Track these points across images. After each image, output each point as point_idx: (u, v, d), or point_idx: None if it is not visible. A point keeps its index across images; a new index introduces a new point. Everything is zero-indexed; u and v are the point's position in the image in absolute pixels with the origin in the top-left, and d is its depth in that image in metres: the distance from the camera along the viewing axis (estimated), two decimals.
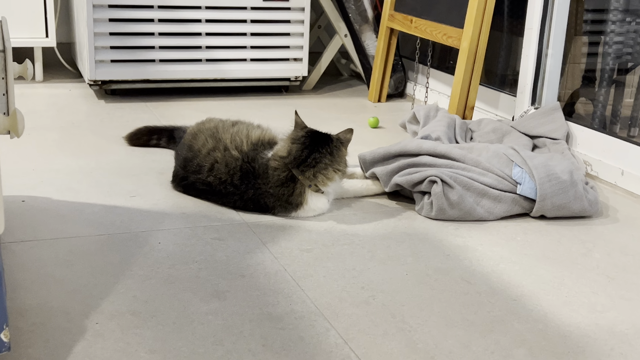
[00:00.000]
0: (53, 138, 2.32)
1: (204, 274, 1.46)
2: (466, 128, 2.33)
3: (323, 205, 1.79)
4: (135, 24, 2.78)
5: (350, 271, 1.51)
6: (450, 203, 1.79)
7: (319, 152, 1.75)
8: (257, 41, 2.96)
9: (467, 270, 1.54)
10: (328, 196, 1.80)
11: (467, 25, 2.45)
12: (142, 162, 2.12)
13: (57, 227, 1.64)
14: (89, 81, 2.79)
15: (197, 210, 1.79)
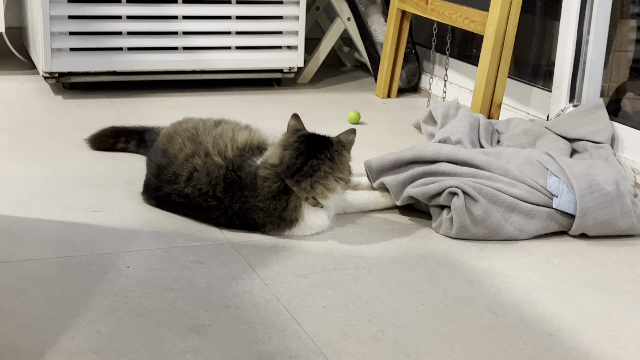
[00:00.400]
0: (1, 141, 2.32)
1: (181, 304, 1.46)
2: (492, 129, 2.34)
3: (322, 221, 1.80)
4: (99, 6, 2.79)
5: (355, 301, 1.51)
6: (473, 219, 1.80)
7: (317, 158, 1.76)
8: (243, 26, 2.97)
9: (494, 300, 1.54)
10: (328, 211, 1.80)
11: (494, 8, 2.47)
12: (107, 170, 2.12)
13: (6, 248, 1.64)
14: (44, 73, 2.80)
15: (172, 228, 1.79)
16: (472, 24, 2.57)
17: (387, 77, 3.05)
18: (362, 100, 3.02)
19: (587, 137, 2.27)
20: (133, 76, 2.91)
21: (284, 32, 3.02)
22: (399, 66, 3.06)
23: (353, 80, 3.32)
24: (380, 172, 1.95)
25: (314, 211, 1.77)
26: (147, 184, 1.91)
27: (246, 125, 1.97)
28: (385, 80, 3.05)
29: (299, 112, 2.75)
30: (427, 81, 3.11)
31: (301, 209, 1.76)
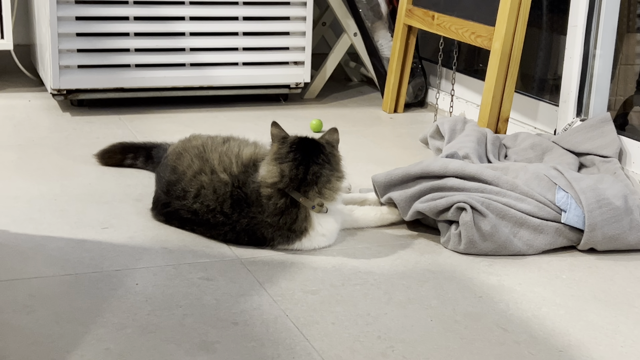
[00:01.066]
0: (9, 159, 2.33)
1: (190, 321, 1.46)
2: (499, 144, 2.34)
3: (332, 226, 1.80)
4: (106, 23, 2.80)
5: (364, 317, 1.51)
6: (482, 234, 1.79)
7: (317, 163, 1.76)
8: (250, 42, 2.98)
9: (503, 315, 1.54)
10: (335, 216, 1.80)
11: (500, 23, 2.47)
12: (115, 187, 2.13)
13: (15, 266, 1.65)
14: (52, 90, 2.81)
15: (181, 244, 1.79)
16: (478, 39, 2.57)
17: (394, 92, 3.06)
18: (369, 115, 3.03)
19: (595, 151, 2.27)
20: (141, 93, 2.92)
21: (291, 47, 3.04)
22: (405, 81, 3.06)
23: (360, 95, 3.33)
24: (387, 188, 1.95)
25: (323, 218, 1.78)
26: (156, 200, 1.92)
27: (254, 141, 1.98)
28: (392, 95, 3.06)
29: (306, 127, 2.77)
30: (434, 96, 3.12)
31: (310, 218, 1.77)
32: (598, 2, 2.44)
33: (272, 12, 2.98)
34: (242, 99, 3.09)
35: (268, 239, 1.78)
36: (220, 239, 1.81)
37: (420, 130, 2.77)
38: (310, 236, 1.78)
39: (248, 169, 1.82)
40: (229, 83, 2.98)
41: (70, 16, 2.75)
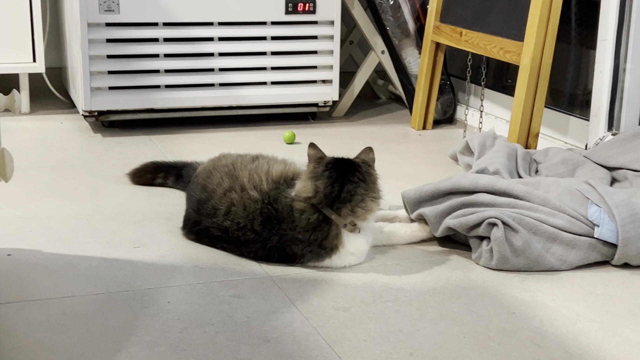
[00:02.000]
0: (42, 179, 2.36)
1: (222, 339, 1.46)
2: (530, 159, 2.33)
3: (362, 247, 1.80)
4: (137, 45, 2.84)
5: (396, 334, 1.50)
6: (514, 250, 1.78)
7: (352, 182, 1.76)
8: (278, 61, 3.00)
9: (537, 332, 1.53)
10: (366, 236, 1.80)
11: (529, 38, 2.46)
12: (146, 206, 2.15)
13: (49, 285, 1.66)
14: (84, 112, 2.85)
15: (211, 263, 1.80)
16: (507, 55, 2.56)
17: (422, 108, 3.06)
18: (398, 132, 3.02)
19: (627, 165, 2.24)
20: (170, 113, 2.95)
21: (319, 66, 3.05)
22: (434, 98, 3.06)
23: (388, 113, 3.33)
24: (417, 203, 1.94)
25: (354, 237, 1.77)
26: (187, 218, 1.93)
27: (282, 159, 1.99)
28: (421, 112, 3.06)
29: (335, 145, 2.77)
30: (463, 112, 3.11)
31: (341, 236, 1.76)
32: (627, 15, 2.42)
33: (299, 31, 2.99)
34: (271, 118, 3.11)
35: (298, 255, 1.78)
36: (250, 257, 1.82)
37: (449, 146, 2.76)
38: (341, 254, 1.78)
39: (279, 185, 1.83)
40: (257, 102, 3.00)
41: (101, 38, 2.79)
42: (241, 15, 2.92)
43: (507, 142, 2.38)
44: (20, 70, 3.08)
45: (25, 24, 3.04)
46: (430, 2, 2.98)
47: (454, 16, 2.87)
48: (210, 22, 2.90)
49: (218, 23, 2.91)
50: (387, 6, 3.09)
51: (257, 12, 2.93)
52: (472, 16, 2.77)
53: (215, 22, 2.90)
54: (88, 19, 2.75)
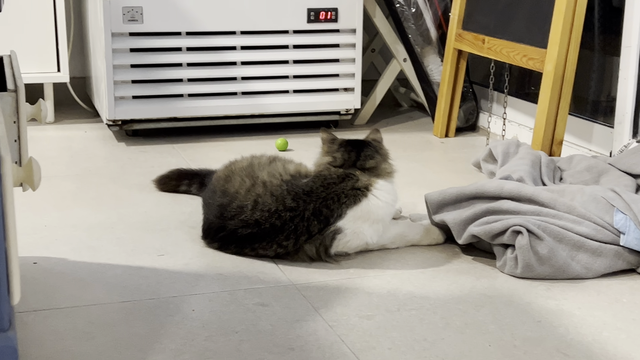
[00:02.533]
0: (67, 188, 2.38)
1: (247, 347, 1.47)
2: (554, 167, 2.31)
3: (392, 191, 1.89)
4: (160, 54, 2.86)
5: (421, 342, 1.50)
6: (539, 258, 1.77)
7: (367, 149, 1.90)
8: (300, 70, 3.00)
9: (563, 340, 1.52)
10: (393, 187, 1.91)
11: (552, 45, 2.45)
12: (170, 214, 2.16)
13: (75, 294, 1.68)
14: (108, 121, 2.87)
15: (235, 271, 1.81)
16: (530, 62, 2.56)
17: (445, 116, 3.05)
18: (420, 139, 3.02)
19: None
20: (193, 122, 2.96)
21: (341, 74, 3.05)
22: (456, 105, 3.05)
23: (410, 121, 3.33)
24: (440, 206, 1.94)
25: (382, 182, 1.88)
26: (207, 227, 1.94)
27: (298, 162, 2.02)
28: (443, 120, 3.05)
29: None
30: (486, 119, 3.10)
31: (371, 179, 1.87)
32: None
33: (321, 39, 3.00)
34: (293, 126, 3.12)
35: (336, 208, 1.82)
36: (290, 241, 1.82)
37: (472, 154, 2.75)
38: (375, 192, 1.85)
39: (296, 177, 1.90)
40: (280, 111, 3.01)
41: (124, 48, 2.81)
42: (263, 24, 2.93)
43: (531, 150, 2.37)
44: (45, 79, 3.11)
45: (50, 34, 3.07)
46: (453, 10, 2.98)
47: (477, 24, 2.87)
48: (233, 31, 2.91)
49: (240, 32, 2.92)
50: (409, 14, 3.09)
51: (279, 21, 2.94)
52: (494, 23, 2.77)
53: (237, 31, 2.92)
54: (112, 28, 2.78)
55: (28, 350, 1.44)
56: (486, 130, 3.06)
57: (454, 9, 2.97)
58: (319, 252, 1.84)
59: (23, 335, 1.49)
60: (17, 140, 1.44)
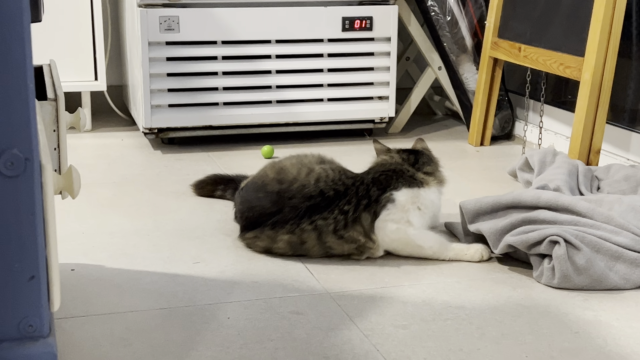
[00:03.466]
0: (105, 195, 2.41)
1: (282, 355, 1.47)
2: (592, 176, 2.29)
3: (440, 196, 2.02)
4: (196, 63, 2.88)
5: (457, 352, 1.49)
6: (576, 268, 1.75)
7: (422, 157, 2.05)
8: (335, 78, 3.01)
9: (601, 352, 1.50)
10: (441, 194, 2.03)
11: (589, 53, 2.43)
12: (206, 222, 2.17)
13: (112, 300, 1.69)
14: (144, 129, 2.90)
15: (270, 279, 1.81)
16: (567, 70, 2.54)
17: (480, 125, 3.03)
18: (455, 148, 3.01)
19: None
20: (228, 130, 2.98)
21: (375, 83, 3.05)
22: (491, 114, 3.04)
23: (444, 129, 3.32)
24: (476, 215, 1.93)
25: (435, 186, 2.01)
26: (257, 217, 1.95)
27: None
28: (478, 128, 3.04)
29: None
30: (522, 128, 3.08)
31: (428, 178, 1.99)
32: None
33: (356, 48, 3.00)
34: (327, 135, 3.12)
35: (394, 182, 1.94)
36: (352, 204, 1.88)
37: (507, 163, 2.74)
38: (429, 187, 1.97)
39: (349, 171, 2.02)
40: (314, 119, 3.02)
41: (161, 57, 2.84)
42: (298, 33, 2.94)
43: (568, 159, 2.35)
44: (83, 88, 3.15)
45: (87, 43, 3.11)
46: (488, 18, 2.97)
47: (513, 32, 2.85)
48: (268, 39, 2.93)
49: (275, 41, 2.94)
50: (444, 22, 3.08)
51: (314, 29, 2.95)
52: (531, 31, 2.75)
53: (272, 40, 2.93)
54: (149, 37, 2.80)
55: (66, 357, 1.46)
56: (522, 139, 3.04)
57: (489, 17, 2.96)
58: (372, 222, 1.89)
59: (61, 342, 1.51)
60: (56, 149, 1.46)
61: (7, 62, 0.94)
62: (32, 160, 0.97)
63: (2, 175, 0.97)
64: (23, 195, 0.98)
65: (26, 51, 0.94)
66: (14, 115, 0.96)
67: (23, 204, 0.98)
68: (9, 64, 0.94)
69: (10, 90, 0.95)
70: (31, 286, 1.01)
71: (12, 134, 0.96)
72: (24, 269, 1.00)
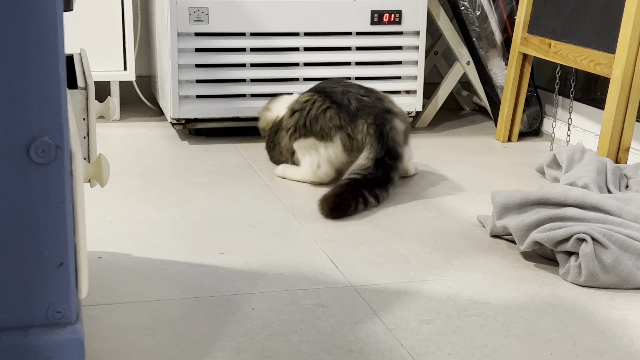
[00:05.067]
0: (132, 185, 2.42)
1: (306, 348, 1.47)
2: (620, 174, 2.27)
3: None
4: (224, 54, 2.88)
5: (481, 349, 1.48)
6: (603, 267, 1.74)
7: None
8: (363, 71, 3.00)
9: (628, 351, 1.48)
10: None
11: (620, 50, 2.40)
12: (231, 214, 2.18)
13: (138, 289, 1.70)
14: (172, 120, 2.91)
15: (295, 271, 1.81)
16: (597, 67, 2.51)
17: (508, 120, 3.01)
18: (482, 144, 2.99)
19: None
20: (255, 122, 2.98)
21: (403, 77, 3.04)
22: (520, 110, 3.01)
23: (472, 124, 3.30)
24: (504, 209, 1.92)
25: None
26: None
27: None
28: (506, 124, 3.01)
29: (418, 156, 2.76)
30: (550, 125, 3.05)
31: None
32: None
33: (384, 42, 2.99)
34: None
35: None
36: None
37: (535, 159, 2.72)
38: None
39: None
40: None
41: (190, 48, 2.85)
42: (327, 26, 2.93)
43: (597, 156, 2.33)
44: (112, 78, 3.17)
45: (117, 33, 3.13)
46: (518, 14, 2.94)
47: (543, 27, 2.83)
48: (296, 32, 2.92)
49: (304, 33, 2.93)
50: (474, 17, 3.06)
51: (342, 22, 2.94)
52: (561, 28, 2.72)
53: (301, 33, 2.93)
54: (178, 28, 2.81)
55: (92, 344, 1.47)
56: (550, 136, 3.01)
57: (519, 12, 2.93)
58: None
59: (87, 329, 1.52)
60: (86, 137, 1.47)
61: (40, 50, 0.94)
62: (62, 148, 0.98)
63: (33, 163, 0.98)
64: (53, 182, 0.99)
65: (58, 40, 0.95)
66: (46, 103, 0.96)
67: (53, 191, 0.99)
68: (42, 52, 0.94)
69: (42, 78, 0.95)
70: (60, 273, 1.01)
71: (44, 122, 0.97)
72: (53, 256, 1.01)
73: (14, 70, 0.94)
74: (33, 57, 0.94)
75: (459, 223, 2.14)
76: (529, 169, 2.64)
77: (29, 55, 0.94)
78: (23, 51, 0.94)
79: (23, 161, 0.97)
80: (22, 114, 0.96)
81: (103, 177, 1.19)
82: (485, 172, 2.63)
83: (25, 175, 0.98)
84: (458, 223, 2.14)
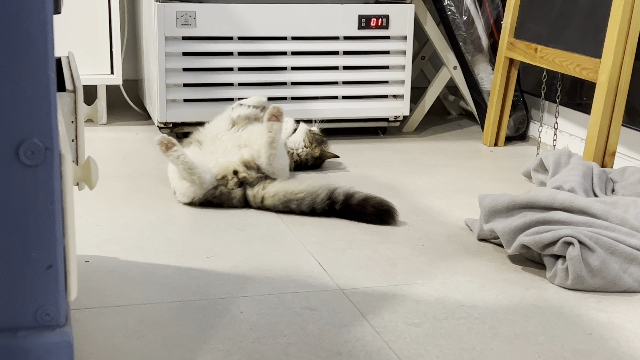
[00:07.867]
0: (119, 189, 2.42)
1: (294, 350, 1.47)
2: (606, 178, 2.28)
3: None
4: (212, 58, 2.88)
5: (469, 351, 1.49)
6: (590, 270, 1.75)
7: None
8: (350, 76, 3.01)
9: (614, 354, 1.49)
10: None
11: (606, 55, 2.42)
12: (219, 217, 2.18)
13: (126, 292, 1.70)
14: (159, 123, 2.90)
15: (283, 274, 1.81)
16: (583, 72, 2.53)
17: (495, 125, 3.03)
18: (469, 148, 3.00)
19: None
20: None
21: (390, 81, 3.05)
22: (506, 114, 3.03)
23: (459, 129, 3.31)
24: (492, 213, 1.93)
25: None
26: None
27: None
28: (493, 129, 3.03)
29: (405, 160, 2.77)
30: (536, 129, 3.07)
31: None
32: None
33: (372, 46, 3.00)
34: (341, 132, 3.12)
35: None
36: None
37: (522, 163, 2.73)
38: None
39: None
40: (328, 116, 3.01)
41: (177, 52, 2.84)
42: (314, 30, 2.94)
43: (583, 161, 2.34)
44: (99, 81, 3.16)
45: (104, 37, 3.12)
46: (505, 19, 2.96)
47: (529, 32, 2.84)
48: (284, 36, 2.93)
49: (291, 37, 2.94)
50: (461, 22, 3.08)
51: (330, 27, 2.95)
52: (547, 32, 2.74)
53: (288, 37, 2.93)
54: (165, 32, 2.81)
55: (80, 347, 1.46)
56: (536, 140, 3.03)
57: (506, 17, 2.95)
58: None
59: (75, 332, 1.51)
60: (74, 140, 1.47)
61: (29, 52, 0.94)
62: (52, 150, 0.98)
63: (22, 164, 0.97)
64: (42, 184, 0.99)
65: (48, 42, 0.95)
66: (35, 104, 0.96)
67: (42, 193, 0.99)
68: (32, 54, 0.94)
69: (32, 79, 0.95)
70: (48, 275, 1.01)
71: (33, 123, 0.96)
72: (42, 258, 1.00)
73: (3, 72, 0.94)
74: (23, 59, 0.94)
75: (447, 226, 2.14)
76: (516, 173, 2.66)
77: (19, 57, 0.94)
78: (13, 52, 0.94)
79: (12, 163, 0.97)
80: (12, 115, 0.95)
81: (92, 179, 1.19)
82: (472, 176, 2.64)
83: (14, 177, 0.97)
84: (445, 227, 2.14)
